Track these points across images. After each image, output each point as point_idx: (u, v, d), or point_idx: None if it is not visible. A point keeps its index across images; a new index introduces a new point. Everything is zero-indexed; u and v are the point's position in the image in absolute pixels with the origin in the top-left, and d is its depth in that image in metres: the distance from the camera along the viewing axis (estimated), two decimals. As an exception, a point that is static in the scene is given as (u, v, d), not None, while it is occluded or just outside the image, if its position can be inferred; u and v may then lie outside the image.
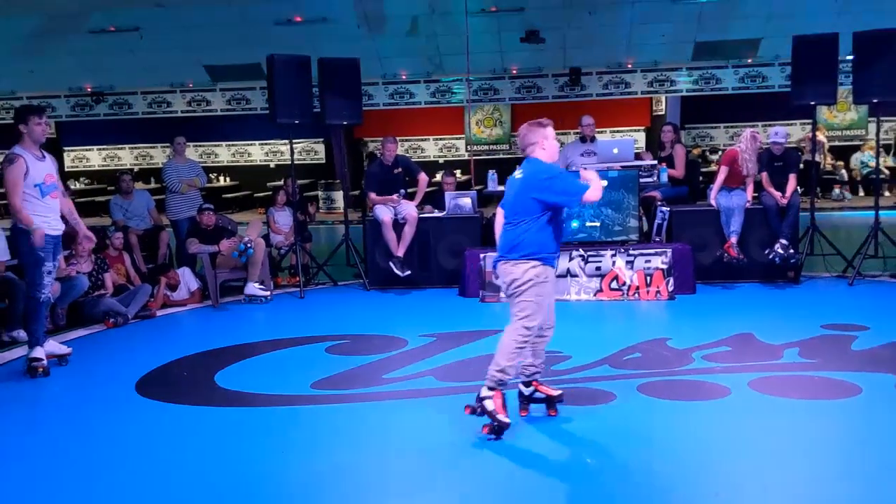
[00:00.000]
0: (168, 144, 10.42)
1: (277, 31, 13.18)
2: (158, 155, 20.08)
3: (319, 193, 18.59)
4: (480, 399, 4.36)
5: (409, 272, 8.43)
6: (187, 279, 8.49)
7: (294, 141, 9.52)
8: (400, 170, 8.83)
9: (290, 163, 9.48)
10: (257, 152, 20.39)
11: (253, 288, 8.27)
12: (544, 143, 4.50)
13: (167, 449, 4.37)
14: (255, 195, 18.61)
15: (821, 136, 15.70)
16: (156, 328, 7.49)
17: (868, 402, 4.68)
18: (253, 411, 4.97)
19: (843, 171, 16.41)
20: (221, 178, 19.53)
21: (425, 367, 5.67)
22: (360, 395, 5.14)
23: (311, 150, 19.96)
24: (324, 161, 19.77)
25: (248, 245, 8.16)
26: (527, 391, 4.68)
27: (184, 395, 5.33)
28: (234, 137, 20.21)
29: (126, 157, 20.97)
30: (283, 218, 9.70)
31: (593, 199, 4.39)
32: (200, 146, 19.92)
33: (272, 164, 20.08)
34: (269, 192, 15.14)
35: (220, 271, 8.27)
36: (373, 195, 8.67)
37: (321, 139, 19.52)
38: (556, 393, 4.64)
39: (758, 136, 8.38)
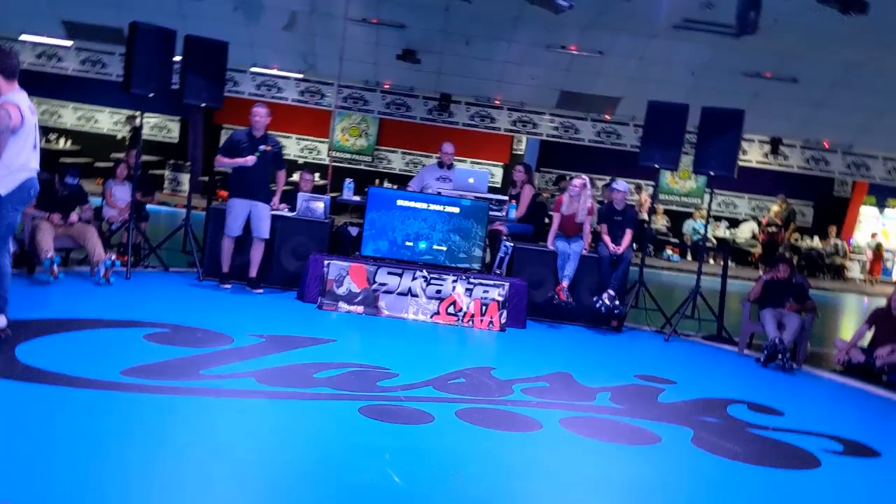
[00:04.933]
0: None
1: (148, -2, 12.62)
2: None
3: (167, 173, 17.84)
4: None
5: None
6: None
7: (147, 115, 9.08)
8: (269, 148, 8.21)
9: (136, 135, 9.01)
10: (106, 120, 19.26)
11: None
12: None
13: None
14: (97, 164, 17.53)
15: (645, 196, 16.86)
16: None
17: (664, 452, 4.96)
18: (50, 390, 4.62)
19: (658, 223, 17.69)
20: (62, 141, 18.32)
21: (247, 368, 5.49)
22: (170, 388, 4.89)
23: (164, 128, 19.09)
24: (177, 140, 18.97)
25: None
26: None
27: (-25, 364, 4.89)
28: (82, 100, 19.00)
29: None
30: (121, 192, 9.18)
31: None
32: (43, 102, 18.57)
33: (119, 135, 19.01)
34: (112, 164, 14.31)
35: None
36: (222, 158, 8.11)
37: (177, 118, 18.74)
38: None
39: (577, 183, 8.77)
